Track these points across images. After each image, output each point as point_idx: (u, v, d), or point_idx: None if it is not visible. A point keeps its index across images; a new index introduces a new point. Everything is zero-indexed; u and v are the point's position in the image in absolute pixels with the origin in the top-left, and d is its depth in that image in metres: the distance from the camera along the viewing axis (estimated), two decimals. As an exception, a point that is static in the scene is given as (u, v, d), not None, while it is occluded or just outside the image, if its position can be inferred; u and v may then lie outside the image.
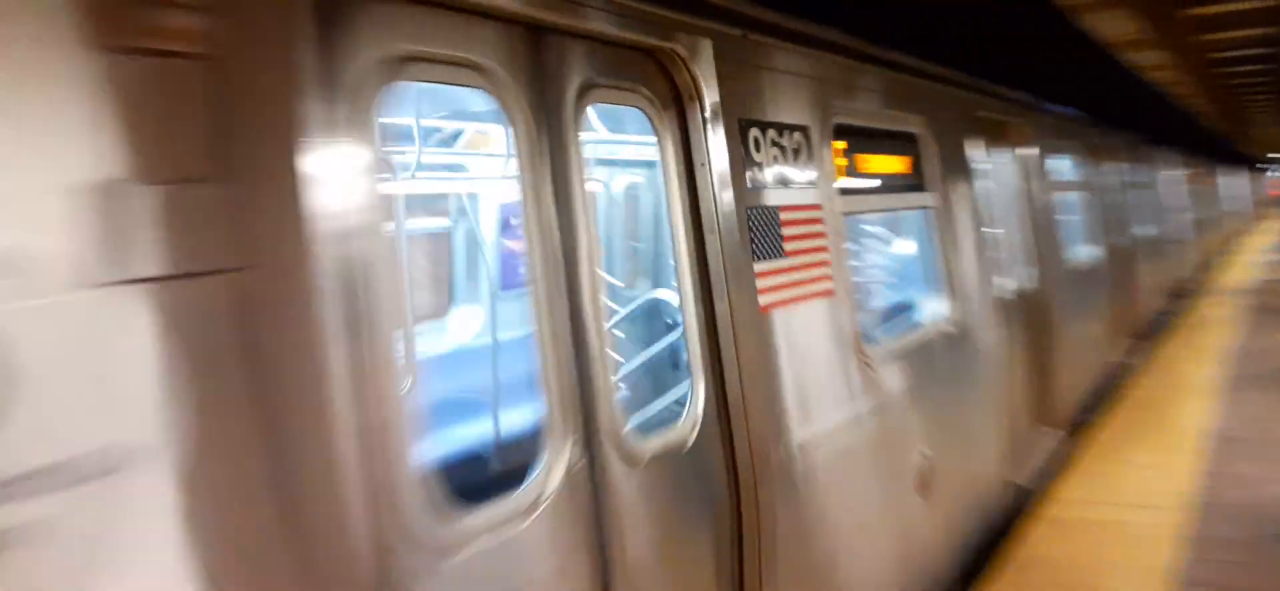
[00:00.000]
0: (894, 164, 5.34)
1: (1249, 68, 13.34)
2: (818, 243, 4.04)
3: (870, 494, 4.21)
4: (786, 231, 3.81)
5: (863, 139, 4.83)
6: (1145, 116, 16.03)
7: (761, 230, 3.64)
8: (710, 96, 3.36)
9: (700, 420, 3.21)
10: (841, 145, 4.51)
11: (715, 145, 3.37)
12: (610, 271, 4.88)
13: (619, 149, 4.76)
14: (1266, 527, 5.63)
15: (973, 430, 5.67)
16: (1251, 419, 8.28)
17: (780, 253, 3.73)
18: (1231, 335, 12.96)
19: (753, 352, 3.40)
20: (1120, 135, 13.42)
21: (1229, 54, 11.95)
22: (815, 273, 3.95)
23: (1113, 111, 12.60)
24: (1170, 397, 9.28)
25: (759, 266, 3.57)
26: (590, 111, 3.25)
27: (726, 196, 3.39)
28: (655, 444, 3.02)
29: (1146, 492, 6.42)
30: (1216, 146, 29.58)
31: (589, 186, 2.89)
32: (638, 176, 5.31)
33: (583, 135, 2.88)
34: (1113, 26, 7.35)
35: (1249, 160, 41.89)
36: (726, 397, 3.31)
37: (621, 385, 3.85)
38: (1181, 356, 11.59)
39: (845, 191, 4.51)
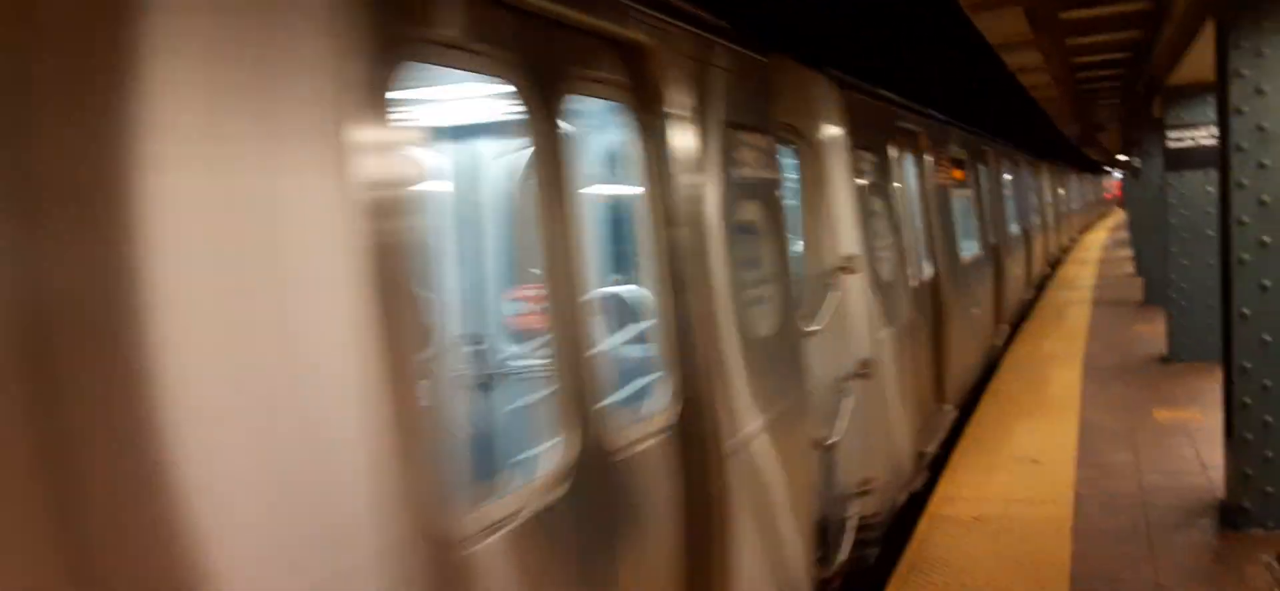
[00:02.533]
0: (959, 173, 6.80)
1: (1105, 73, 14.03)
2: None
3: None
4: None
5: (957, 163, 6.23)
6: (1017, 121, 16.74)
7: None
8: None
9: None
10: (950, 167, 5.71)
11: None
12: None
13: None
14: (1148, 516, 5.84)
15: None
16: (1114, 408, 8.66)
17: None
18: (1085, 327, 13.64)
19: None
20: (998, 141, 14.16)
21: (1090, 58, 12.50)
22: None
23: (991, 118, 13.07)
24: (1039, 391, 9.63)
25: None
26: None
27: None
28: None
29: (1031, 487, 6.58)
30: (1071, 152, 31.30)
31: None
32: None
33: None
34: (1003, 26, 7.51)
35: (1095, 165, 44.56)
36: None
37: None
38: (1045, 348, 12.09)
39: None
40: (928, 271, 7.78)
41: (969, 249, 10.03)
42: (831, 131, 5.53)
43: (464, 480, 3.09)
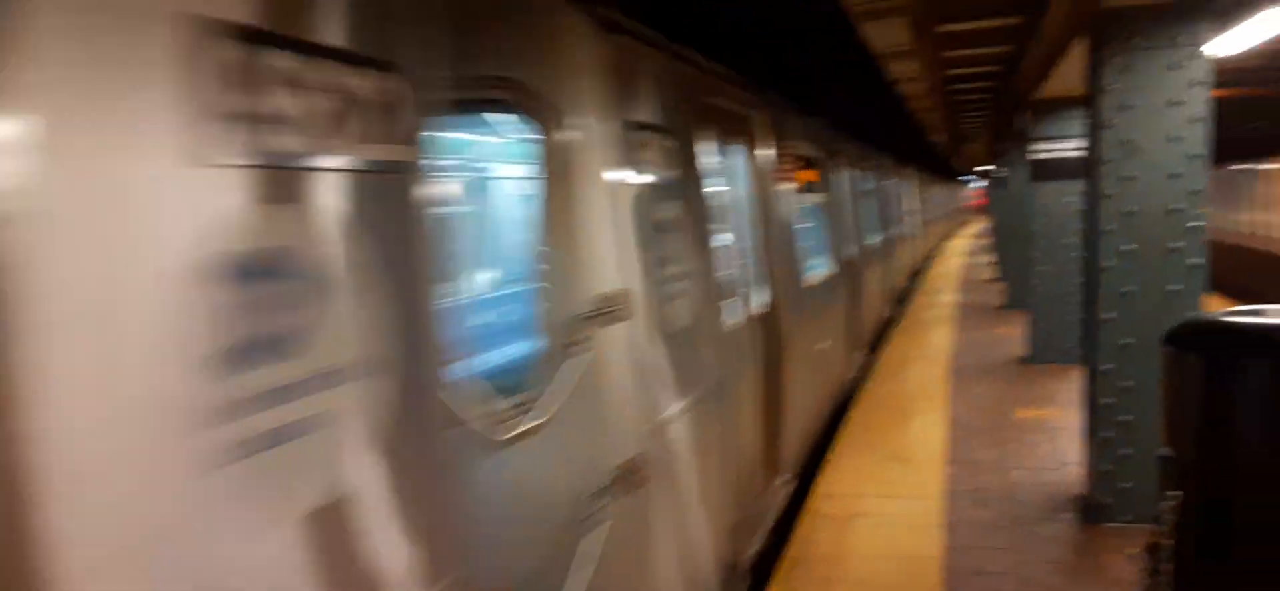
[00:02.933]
0: (810, 175, 6.90)
1: (976, 85, 14.62)
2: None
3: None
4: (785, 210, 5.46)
5: (804, 161, 6.85)
6: (887, 127, 17.28)
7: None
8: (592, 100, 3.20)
9: None
10: (796, 166, 5.88)
11: (768, 164, 4.75)
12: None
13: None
14: (1013, 510, 6.07)
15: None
16: (980, 407, 9.01)
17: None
18: (949, 331, 14.18)
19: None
20: (873, 147, 14.55)
21: (963, 70, 13.00)
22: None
23: (867, 124, 13.40)
24: (909, 391, 9.93)
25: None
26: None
27: (771, 190, 5.02)
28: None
29: (904, 483, 6.76)
30: (939, 161, 32.58)
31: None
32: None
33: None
34: (886, 35, 7.70)
35: (957, 174, 46.55)
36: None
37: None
38: (913, 349, 12.50)
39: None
40: (759, 303, 5.88)
41: (819, 268, 8.34)
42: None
43: None
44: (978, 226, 54.40)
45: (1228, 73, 10.82)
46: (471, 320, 4.39)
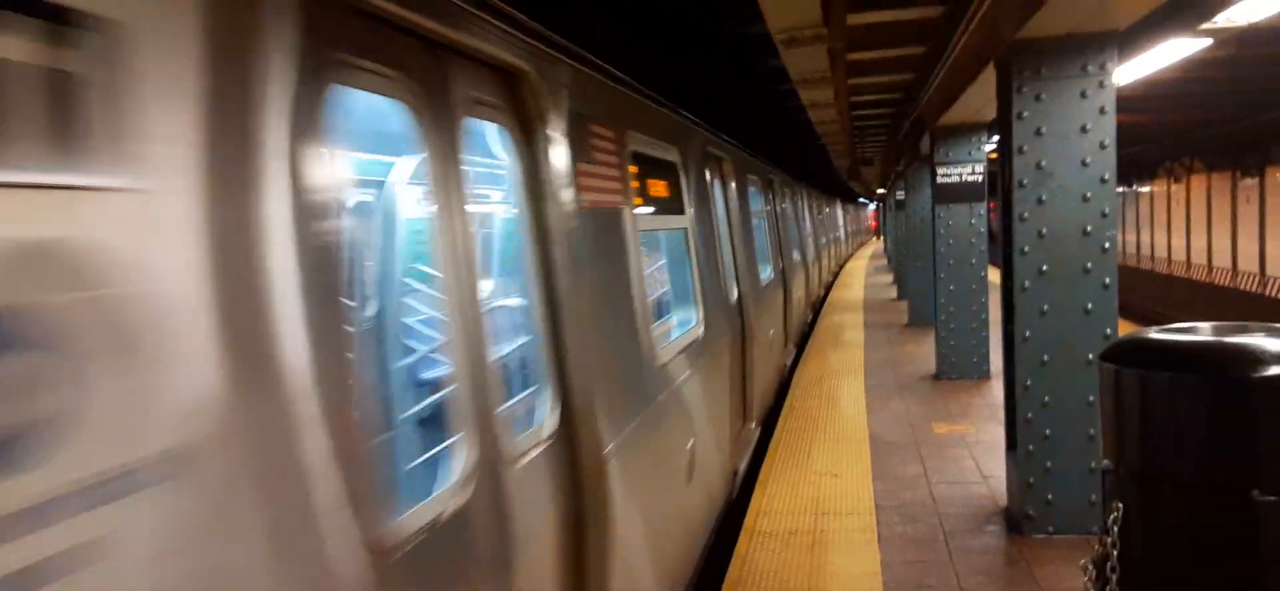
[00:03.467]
0: (661, 188, 5.78)
1: (878, 111, 15.08)
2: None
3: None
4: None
5: (647, 164, 5.35)
6: (802, 157, 17.69)
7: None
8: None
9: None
10: (634, 169, 4.82)
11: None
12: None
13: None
14: (940, 524, 6.24)
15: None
16: (898, 423, 9.25)
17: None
18: (862, 348, 14.54)
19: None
20: (785, 171, 15.20)
21: (867, 97, 13.39)
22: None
23: (780, 147, 13.72)
24: (831, 408, 10.13)
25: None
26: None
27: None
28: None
29: (836, 499, 6.88)
30: (840, 185, 33.43)
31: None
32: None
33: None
34: (805, 61, 7.88)
35: (857, 196, 47.90)
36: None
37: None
38: (830, 367, 12.77)
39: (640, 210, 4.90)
40: (735, 291, 7.96)
41: (767, 270, 10.59)
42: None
43: None
44: (874, 246, 56.10)
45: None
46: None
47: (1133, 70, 7.21)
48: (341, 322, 2.01)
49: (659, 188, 6.10)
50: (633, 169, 4.72)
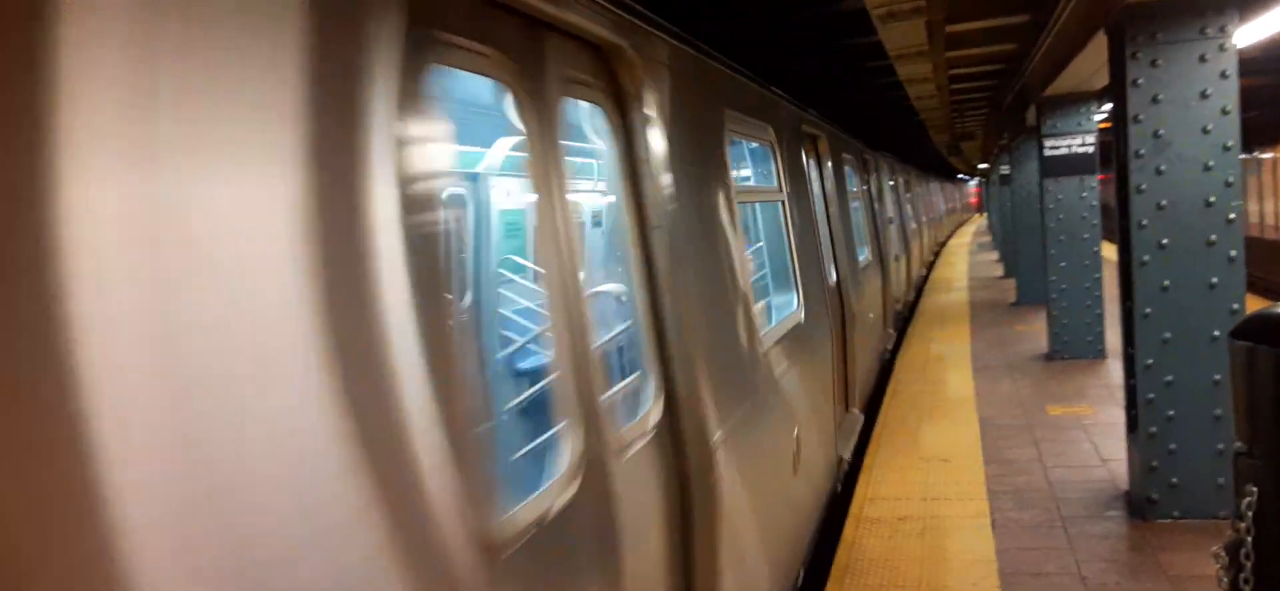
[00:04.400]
0: (758, 167, 5.94)
1: (979, 84, 14.64)
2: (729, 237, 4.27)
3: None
4: (705, 226, 3.90)
5: (743, 143, 5.50)
6: (899, 134, 17.41)
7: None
8: (655, 96, 3.31)
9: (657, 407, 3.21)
10: (730, 148, 4.59)
11: (657, 144, 3.33)
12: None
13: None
14: (1057, 509, 6.06)
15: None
16: (1009, 405, 9.00)
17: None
18: (967, 328, 14.18)
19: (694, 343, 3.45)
20: (881, 148, 15.05)
21: (967, 69, 13.01)
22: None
23: (876, 125, 13.51)
24: (936, 391, 9.92)
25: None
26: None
27: (667, 191, 3.35)
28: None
29: (946, 485, 6.74)
30: (941, 161, 32.63)
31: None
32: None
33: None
34: (902, 37, 7.70)
35: (955, 173, 46.68)
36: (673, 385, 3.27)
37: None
38: (934, 350, 12.50)
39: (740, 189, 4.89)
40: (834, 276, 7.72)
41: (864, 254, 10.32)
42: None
43: None
44: (977, 223, 54.58)
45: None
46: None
47: (1256, 30, 6.82)
48: (449, 314, 1.95)
49: (756, 168, 6.10)
50: (729, 148, 4.57)
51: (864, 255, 10.49)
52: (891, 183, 16.61)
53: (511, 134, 2.70)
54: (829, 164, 8.49)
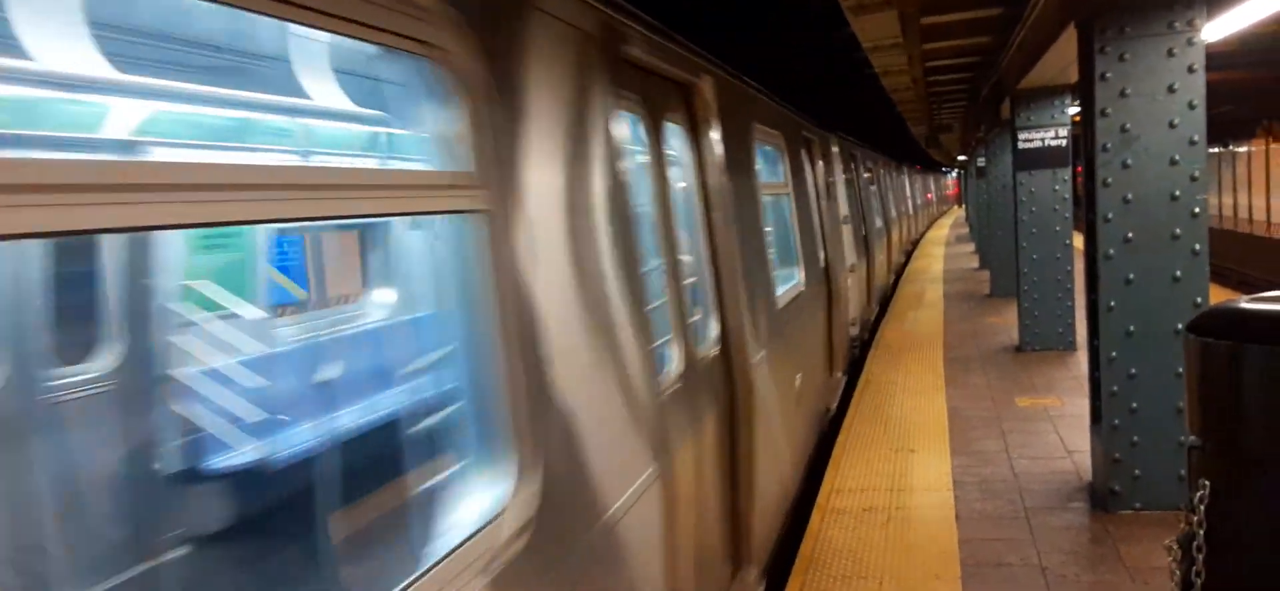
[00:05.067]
0: (773, 166, 7.15)
1: (955, 76, 14.67)
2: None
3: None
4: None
5: (764, 148, 6.55)
6: (879, 126, 17.47)
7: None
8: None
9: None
10: (756, 153, 6.00)
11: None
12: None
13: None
14: (1021, 500, 6.09)
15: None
16: (978, 396, 9.04)
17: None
18: (941, 318, 14.24)
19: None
20: (863, 140, 15.39)
21: (943, 62, 13.03)
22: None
23: (857, 117, 13.55)
24: (907, 381, 9.96)
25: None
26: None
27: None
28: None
29: (912, 475, 6.76)
30: (920, 153, 32.76)
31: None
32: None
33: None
34: (876, 28, 7.70)
35: (937, 165, 46.88)
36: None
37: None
38: (907, 339, 12.54)
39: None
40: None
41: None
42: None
43: None
44: (955, 215, 54.88)
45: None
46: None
47: (1224, 26, 6.85)
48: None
49: (772, 167, 7.36)
50: (755, 153, 5.97)
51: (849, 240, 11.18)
52: (874, 175, 16.70)
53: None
54: (821, 162, 9.95)
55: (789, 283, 6.93)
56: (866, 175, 15.49)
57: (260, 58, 3.07)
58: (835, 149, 11.42)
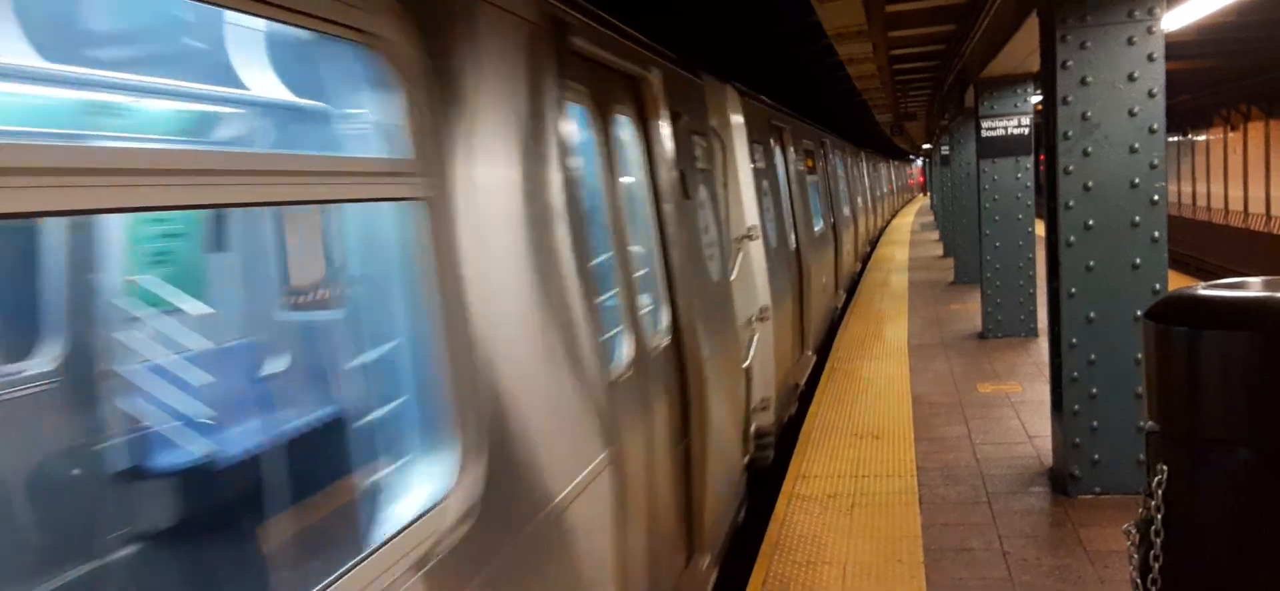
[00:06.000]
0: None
1: (920, 64, 14.75)
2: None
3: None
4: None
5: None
6: (844, 113, 17.51)
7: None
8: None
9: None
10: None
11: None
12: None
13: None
14: (984, 485, 6.13)
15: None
16: (941, 383, 9.11)
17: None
18: (905, 307, 14.33)
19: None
20: (830, 129, 15.53)
21: (907, 50, 13.10)
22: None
23: (821, 104, 13.60)
24: (872, 368, 10.01)
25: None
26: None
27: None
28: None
29: (876, 461, 6.80)
30: (885, 141, 32.94)
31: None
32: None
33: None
34: (840, 16, 7.70)
35: (902, 153, 47.19)
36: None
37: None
38: (872, 328, 12.61)
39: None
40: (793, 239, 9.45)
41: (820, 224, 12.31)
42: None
43: None
44: (921, 203, 55.29)
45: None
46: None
47: (1183, 15, 6.94)
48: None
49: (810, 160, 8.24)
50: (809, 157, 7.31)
51: (819, 226, 11.65)
52: (842, 163, 16.79)
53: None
54: (791, 150, 10.22)
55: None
56: (835, 163, 15.73)
57: (191, 42, 2.90)
58: (805, 138, 11.86)
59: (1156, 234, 5.63)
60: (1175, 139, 31.11)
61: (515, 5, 2.97)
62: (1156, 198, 5.62)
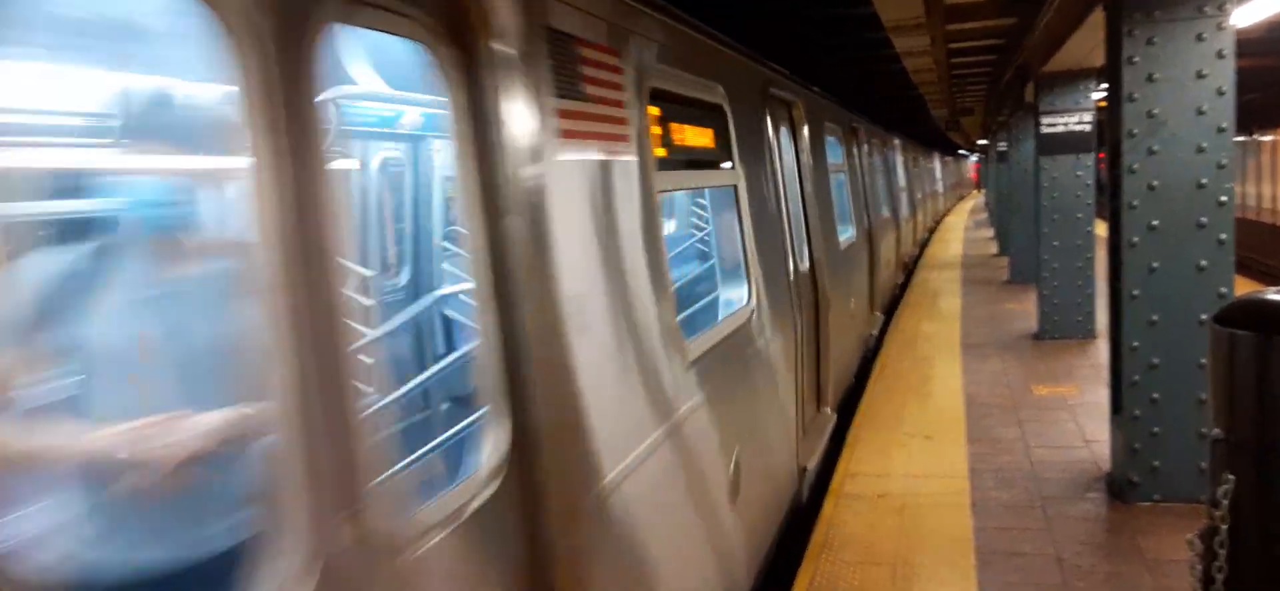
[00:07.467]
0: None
1: (978, 58, 14.48)
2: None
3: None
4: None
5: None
6: (896, 106, 17.28)
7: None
8: (807, 121, 6.67)
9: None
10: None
11: (807, 144, 6.85)
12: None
13: None
14: (1038, 489, 6.02)
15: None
16: (996, 384, 8.96)
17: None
18: (959, 305, 14.12)
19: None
20: (875, 120, 15.23)
21: (966, 44, 12.86)
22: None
23: (877, 103, 13.45)
24: (924, 368, 9.88)
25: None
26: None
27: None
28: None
29: (928, 462, 6.71)
30: (941, 136, 32.49)
31: None
32: None
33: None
34: (899, 9, 7.58)
35: (956, 148, 46.48)
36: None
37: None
38: (924, 327, 12.44)
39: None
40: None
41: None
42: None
43: None
44: (975, 200, 54.47)
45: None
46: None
47: (1253, 11, 6.73)
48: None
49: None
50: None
51: (848, 234, 11.03)
52: (885, 157, 16.54)
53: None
54: (805, 131, 8.98)
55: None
56: (875, 156, 14.61)
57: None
58: (828, 120, 10.49)
59: (1223, 236, 5.46)
60: (1241, 138, 30.28)
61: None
62: (1224, 199, 5.46)
